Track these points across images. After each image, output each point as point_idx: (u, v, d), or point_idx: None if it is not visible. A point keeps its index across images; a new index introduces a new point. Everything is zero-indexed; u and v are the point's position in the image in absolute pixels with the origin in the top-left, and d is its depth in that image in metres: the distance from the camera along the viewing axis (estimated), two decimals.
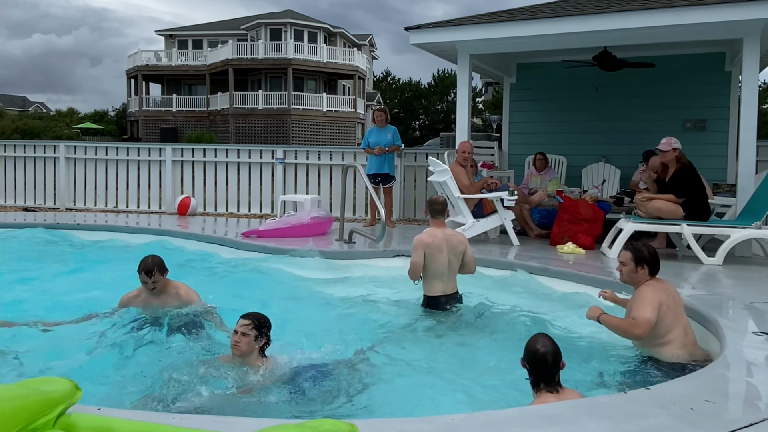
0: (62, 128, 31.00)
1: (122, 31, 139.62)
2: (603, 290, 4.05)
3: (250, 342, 3.16)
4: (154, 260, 4.03)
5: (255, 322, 3.21)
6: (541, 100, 9.44)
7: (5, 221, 8.20)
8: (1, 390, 2.17)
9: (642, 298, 3.42)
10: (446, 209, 4.83)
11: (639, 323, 3.32)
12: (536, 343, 2.75)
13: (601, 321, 3.51)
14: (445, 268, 4.60)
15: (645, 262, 3.50)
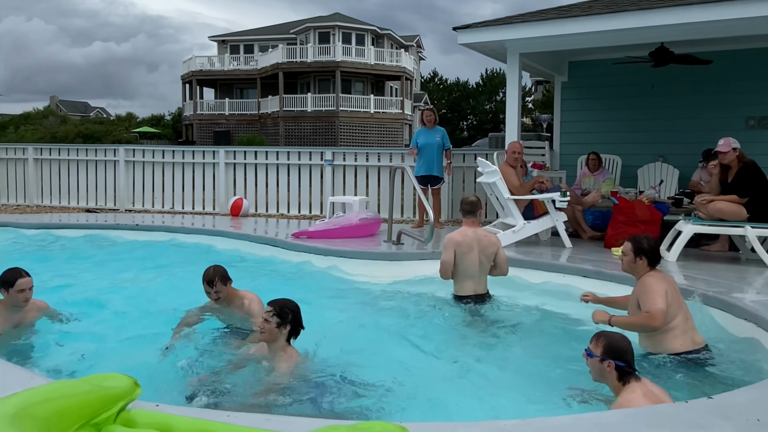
0: (121, 132, 32.24)
1: (177, 37, 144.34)
2: (584, 294, 4.14)
3: (272, 329, 3.18)
4: (215, 270, 3.90)
5: (277, 308, 3.21)
6: (594, 98, 9.19)
7: (69, 222, 8.58)
8: (65, 385, 2.26)
9: (649, 290, 3.51)
10: (478, 209, 4.78)
11: (655, 315, 3.40)
12: (615, 337, 2.82)
13: (613, 323, 3.54)
14: (476, 268, 4.62)
15: (644, 253, 3.64)
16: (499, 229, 6.67)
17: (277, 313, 3.20)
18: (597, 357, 2.78)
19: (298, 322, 3.28)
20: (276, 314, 3.20)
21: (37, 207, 11.12)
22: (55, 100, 64.82)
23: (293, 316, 3.24)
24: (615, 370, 2.73)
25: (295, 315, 3.26)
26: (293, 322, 3.24)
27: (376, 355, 3.71)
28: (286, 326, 3.21)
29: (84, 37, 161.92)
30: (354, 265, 6.16)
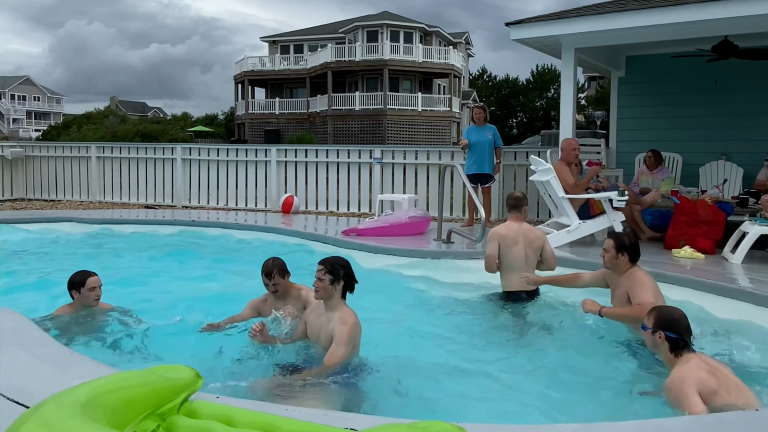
0: (177, 131, 33.24)
1: (230, 38, 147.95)
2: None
3: (326, 287, 3.29)
4: (274, 262, 3.91)
5: (328, 266, 3.32)
6: (653, 94, 8.88)
7: (129, 218, 8.90)
8: (132, 376, 2.34)
9: (641, 284, 3.75)
10: (523, 205, 4.82)
11: (647, 308, 3.42)
12: (670, 311, 3.00)
13: (603, 314, 3.78)
14: (522, 262, 4.64)
15: (625, 249, 3.85)
16: (552, 229, 6.54)
17: (329, 270, 3.31)
18: (649, 329, 2.92)
19: (351, 276, 3.38)
20: (328, 271, 3.30)
21: (99, 203, 11.58)
22: (114, 100, 67.51)
23: (345, 271, 3.35)
24: (666, 341, 2.85)
25: (346, 270, 3.36)
26: (346, 277, 3.34)
27: (427, 355, 3.69)
28: (340, 282, 3.32)
29: (141, 39, 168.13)
30: (403, 263, 6.15)
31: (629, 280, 3.80)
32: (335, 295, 3.33)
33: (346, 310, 3.34)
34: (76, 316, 4.02)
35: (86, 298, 4.00)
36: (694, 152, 8.33)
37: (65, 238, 7.83)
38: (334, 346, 3.22)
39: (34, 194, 12.13)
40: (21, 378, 2.67)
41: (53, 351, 3.06)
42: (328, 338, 3.29)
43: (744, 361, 3.55)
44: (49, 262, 6.39)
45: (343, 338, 3.21)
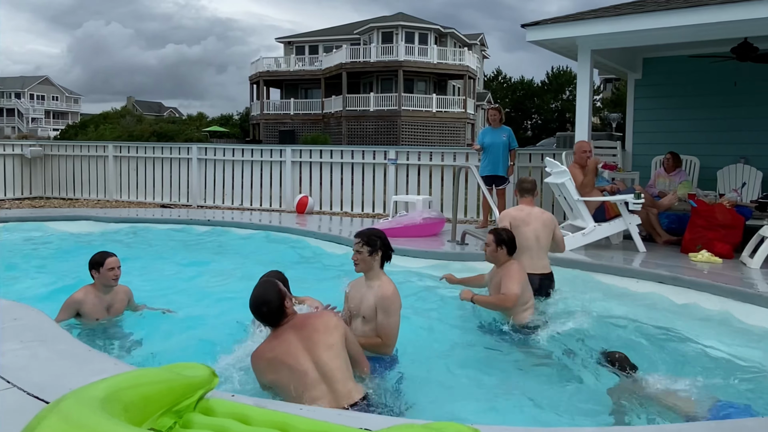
0: (192, 131, 33.50)
1: (245, 39, 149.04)
2: (444, 274, 4.91)
3: (365, 258, 3.40)
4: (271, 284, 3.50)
5: (365, 238, 3.42)
6: (670, 96, 8.80)
7: (146, 216, 8.99)
8: (150, 373, 2.37)
9: (510, 276, 4.15)
10: (536, 189, 5.08)
11: (509, 297, 4.09)
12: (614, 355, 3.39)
13: (474, 301, 4.22)
14: (533, 242, 4.72)
15: (504, 243, 4.27)
16: (567, 231, 6.50)
17: (366, 242, 3.41)
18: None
19: (387, 246, 3.49)
20: (365, 243, 3.41)
21: (116, 202, 11.71)
22: (131, 100, 68.24)
23: (381, 241, 3.45)
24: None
25: (382, 240, 3.47)
26: (383, 247, 3.45)
27: (438, 354, 3.69)
28: (378, 252, 3.43)
29: (158, 40, 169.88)
30: (418, 264, 6.15)
31: (505, 271, 4.22)
32: (374, 266, 3.44)
33: (386, 279, 3.44)
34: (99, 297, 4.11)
35: (105, 278, 4.08)
36: (712, 155, 8.23)
37: (83, 237, 7.93)
38: (383, 317, 3.31)
39: (53, 192, 12.29)
40: (41, 374, 2.72)
41: (72, 347, 3.11)
42: (370, 308, 3.35)
43: (762, 367, 3.50)
44: (67, 260, 6.47)
45: (390, 308, 3.33)
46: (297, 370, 2.69)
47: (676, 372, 3.45)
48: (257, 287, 2.88)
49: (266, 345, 2.85)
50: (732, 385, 3.29)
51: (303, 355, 2.73)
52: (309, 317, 2.91)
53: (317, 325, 2.83)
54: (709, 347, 3.89)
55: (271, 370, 2.77)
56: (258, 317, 2.84)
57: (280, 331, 2.83)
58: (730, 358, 3.70)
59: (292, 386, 2.69)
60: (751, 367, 3.52)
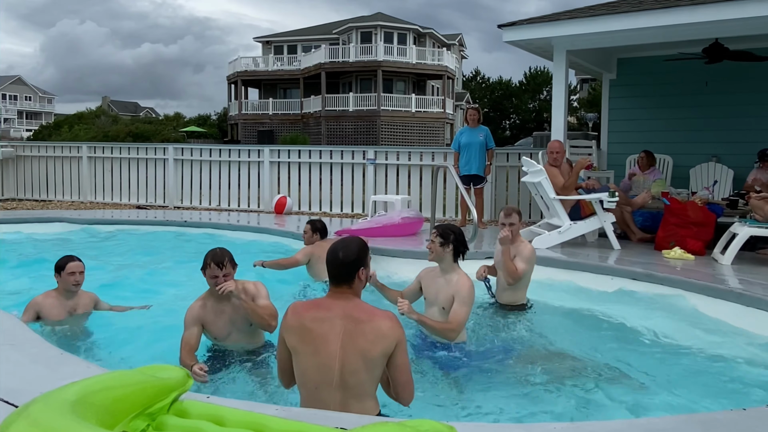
0: (170, 132, 33.12)
1: (223, 38, 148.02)
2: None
3: (437, 248, 3.65)
4: (224, 251, 3.44)
5: (440, 230, 3.71)
6: (644, 96, 8.95)
7: (121, 217, 8.86)
8: (122, 375, 2.34)
9: (465, 301, 3.59)
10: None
11: (457, 330, 3.58)
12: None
13: (418, 322, 3.58)
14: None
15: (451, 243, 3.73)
16: (544, 230, 6.57)
17: (440, 233, 3.67)
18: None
19: (461, 242, 3.68)
20: (439, 235, 3.67)
21: (91, 203, 11.53)
22: (107, 100, 67.22)
23: (455, 237, 3.66)
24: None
25: (456, 236, 3.67)
26: (455, 242, 3.65)
27: (418, 355, 3.70)
28: (449, 245, 3.64)
29: (134, 39, 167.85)
30: (396, 263, 6.16)
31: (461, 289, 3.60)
32: (446, 258, 3.67)
33: (463, 273, 3.66)
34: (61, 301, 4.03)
35: (65, 282, 4.01)
36: (685, 154, 8.39)
37: (56, 239, 7.79)
38: (457, 305, 3.55)
39: (25, 194, 12.06)
40: (11, 378, 2.66)
41: (43, 351, 3.05)
42: (448, 299, 3.59)
43: (732, 361, 3.58)
44: (39, 263, 6.35)
45: (466, 299, 3.57)
46: (322, 360, 2.43)
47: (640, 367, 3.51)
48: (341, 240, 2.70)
49: (311, 306, 2.57)
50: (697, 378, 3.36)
51: (336, 349, 2.42)
52: (367, 312, 2.49)
53: (367, 329, 2.43)
54: (677, 342, 3.97)
55: (299, 338, 2.49)
56: (329, 261, 2.56)
57: (334, 300, 2.53)
58: (697, 352, 3.77)
59: (309, 373, 2.47)
60: (721, 362, 3.59)
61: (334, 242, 2.69)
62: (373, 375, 2.47)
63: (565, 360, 3.68)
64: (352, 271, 2.56)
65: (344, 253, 2.57)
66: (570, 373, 3.46)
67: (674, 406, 2.98)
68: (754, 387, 3.20)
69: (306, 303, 2.63)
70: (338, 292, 2.55)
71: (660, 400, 3.06)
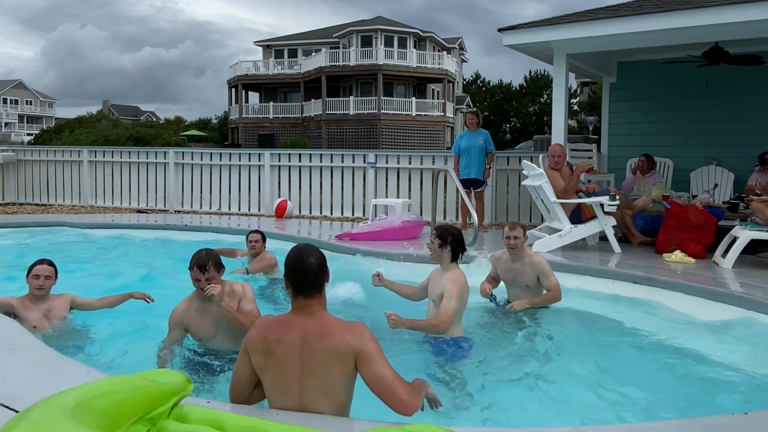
0: (170, 135, 33.13)
1: (224, 42, 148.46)
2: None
3: (435, 249, 3.82)
4: (209, 253, 3.38)
5: (438, 231, 3.86)
6: (644, 99, 8.96)
7: (121, 222, 8.87)
8: (122, 380, 2.33)
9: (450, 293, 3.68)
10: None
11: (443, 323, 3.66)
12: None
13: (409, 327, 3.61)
14: None
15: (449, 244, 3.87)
16: (544, 233, 6.57)
17: (438, 235, 3.83)
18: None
19: (458, 243, 3.82)
20: (437, 236, 3.82)
21: (91, 207, 11.53)
22: (107, 104, 67.32)
23: (452, 238, 3.81)
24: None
25: (454, 238, 3.81)
26: (453, 243, 3.80)
27: (416, 359, 3.69)
28: (447, 246, 3.80)
29: (134, 43, 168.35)
30: (397, 267, 6.15)
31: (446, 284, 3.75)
32: (444, 258, 3.82)
33: (458, 271, 3.82)
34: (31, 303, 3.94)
35: (30, 286, 3.90)
36: (685, 157, 8.40)
37: (56, 243, 7.79)
38: (445, 300, 3.67)
39: (26, 198, 12.07)
40: (11, 382, 2.66)
41: (43, 355, 3.05)
42: (440, 295, 3.72)
43: (733, 365, 3.57)
44: None
45: (452, 293, 3.67)
46: (281, 386, 2.32)
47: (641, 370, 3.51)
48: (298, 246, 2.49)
49: (275, 324, 2.38)
50: (699, 382, 3.35)
51: (294, 375, 2.29)
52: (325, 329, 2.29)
53: (322, 350, 2.26)
54: (679, 345, 3.95)
55: (262, 358, 2.34)
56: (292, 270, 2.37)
57: (297, 317, 2.35)
58: (699, 356, 3.76)
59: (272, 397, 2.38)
60: (721, 366, 3.58)
61: (294, 250, 2.43)
62: (337, 399, 2.28)
63: (567, 364, 3.67)
64: (321, 278, 2.38)
65: (313, 257, 2.37)
66: (571, 377, 3.45)
67: (676, 410, 2.97)
68: (756, 391, 3.19)
69: (270, 321, 2.43)
70: (305, 305, 2.35)
71: (661, 404, 3.04)
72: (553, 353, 3.85)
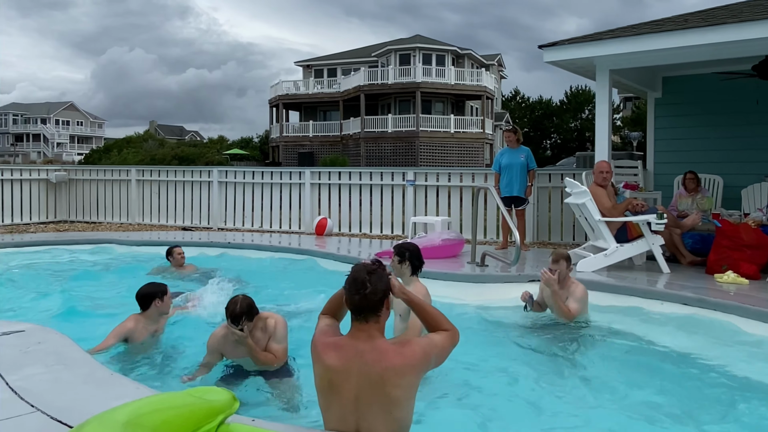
0: (213, 154, 33.90)
1: (265, 63, 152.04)
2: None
3: (395, 266, 4.00)
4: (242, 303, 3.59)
5: (396, 249, 4.07)
6: (691, 115, 8.72)
7: (167, 239, 9.08)
8: (172, 397, 2.37)
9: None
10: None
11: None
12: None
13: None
14: None
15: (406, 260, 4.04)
16: (589, 253, 6.43)
17: (396, 252, 4.06)
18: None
19: (416, 256, 4.03)
20: (396, 253, 4.05)
21: (138, 225, 11.87)
22: (154, 124, 69.60)
23: (410, 253, 4.03)
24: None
25: (411, 253, 4.04)
26: (410, 258, 4.02)
27: (454, 380, 3.64)
28: (405, 262, 4.01)
29: (179, 65, 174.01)
30: (437, 286, 6.09)
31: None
32: (405, 272, 4.00)
33: (419, 284, 3.97)
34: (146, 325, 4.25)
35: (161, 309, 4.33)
36: (736, 174, 8.11)
37: (106, 260, 8.03)
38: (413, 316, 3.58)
39: (77, 216, 12.51)
40: (63, 398, 2.74)
41: (94, 371, 3.13)
42: (404, 308, 3.75)
43: None
44: (90, 283, 6.55)
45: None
46: (338, 411, 2.30)
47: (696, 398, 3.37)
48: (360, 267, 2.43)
49: (330, 347, 2.36)
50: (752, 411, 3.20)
51: (350, 400, 2.27)
52: (382, 353, 2.28)
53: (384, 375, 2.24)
54: (737, 372, 3.79)
55: (319, 378, 2.34)
56: (352, 293, 2.34)
57: (352, 341, 2.32)
58: (752, 382, 3.59)
59: (328, 416, 2.37)
60: None
61: (355, 270, 2.40)
62: (397, 415, 2.29)
63: (611, 388, 3.56)
64: (381, 303, 2.34)
65: (375, 281, 2.32)
66: (617, 404, 3.35)
67: None
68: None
69: (326, 343, 2.41)
70: (362, 329, 2.33)
71: None
72: (594, 376, 3.74)
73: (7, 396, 2.74)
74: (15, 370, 3.07)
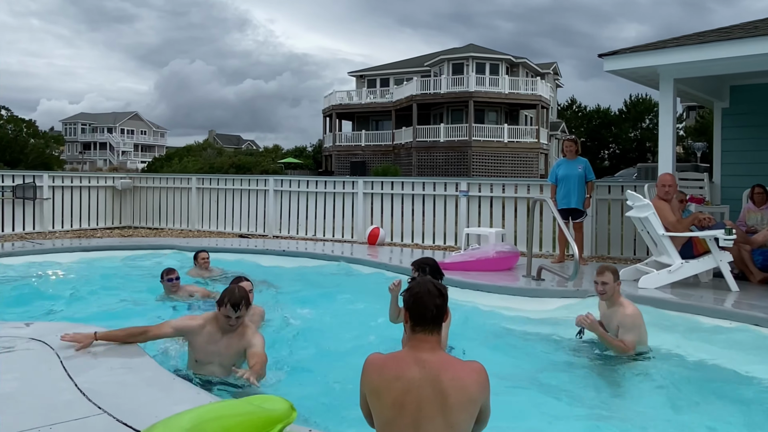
0: (269, 163, 34.71)
1: (319, 73, 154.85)
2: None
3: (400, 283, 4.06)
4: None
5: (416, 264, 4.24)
6: (760, 125, 8.31)
7: (224, 246, 9.32)
8: (232, 405, 2.42)
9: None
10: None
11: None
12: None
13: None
14: None
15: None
16: (652, 268, 6.19)
17: (417, 267, 4.20)
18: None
19: (435, 271, 4.15)
20: (416, 269, 4.19)
21: (198, 231, 12.24)
22: (212, 133, 71.90)
23: (430, 268, 4.18)
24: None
25: (431, 267, 4.19)
26: (432, 273, 4.12)
27: (508, 396, 3.56)
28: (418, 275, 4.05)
29: (237, 76, 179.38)
30: (491, 299, 6.02)
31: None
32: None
33: None
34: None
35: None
36: None
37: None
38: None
39: (140, 222, 13.02)
40: (128, 401, 2.84)
41: (157, 375, 3.24)
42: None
43: None
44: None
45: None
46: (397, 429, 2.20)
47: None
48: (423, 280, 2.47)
49: (388, 362, 2.28)
50: None
51: (412, 418, 2.17)
52: (450, 370, 2.22)
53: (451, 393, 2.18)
54: None
55: (375, 398, 2.25)
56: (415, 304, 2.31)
57: (413, 354, 2.26)
58: None
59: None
60: None
61: (418, 284, 2.39)
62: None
63: (671, 416, 3.41)
64: (442, 315, 2.32)
65: (437, 293, 2.32)
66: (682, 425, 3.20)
67: None
68: None
69: (382, 359, 2.32)
70: (422, 341, 2.28)
71: None
72: (663, 402, 3.58)
73: (76, 397, 2.87)
74: (82, 372, 3.20)
